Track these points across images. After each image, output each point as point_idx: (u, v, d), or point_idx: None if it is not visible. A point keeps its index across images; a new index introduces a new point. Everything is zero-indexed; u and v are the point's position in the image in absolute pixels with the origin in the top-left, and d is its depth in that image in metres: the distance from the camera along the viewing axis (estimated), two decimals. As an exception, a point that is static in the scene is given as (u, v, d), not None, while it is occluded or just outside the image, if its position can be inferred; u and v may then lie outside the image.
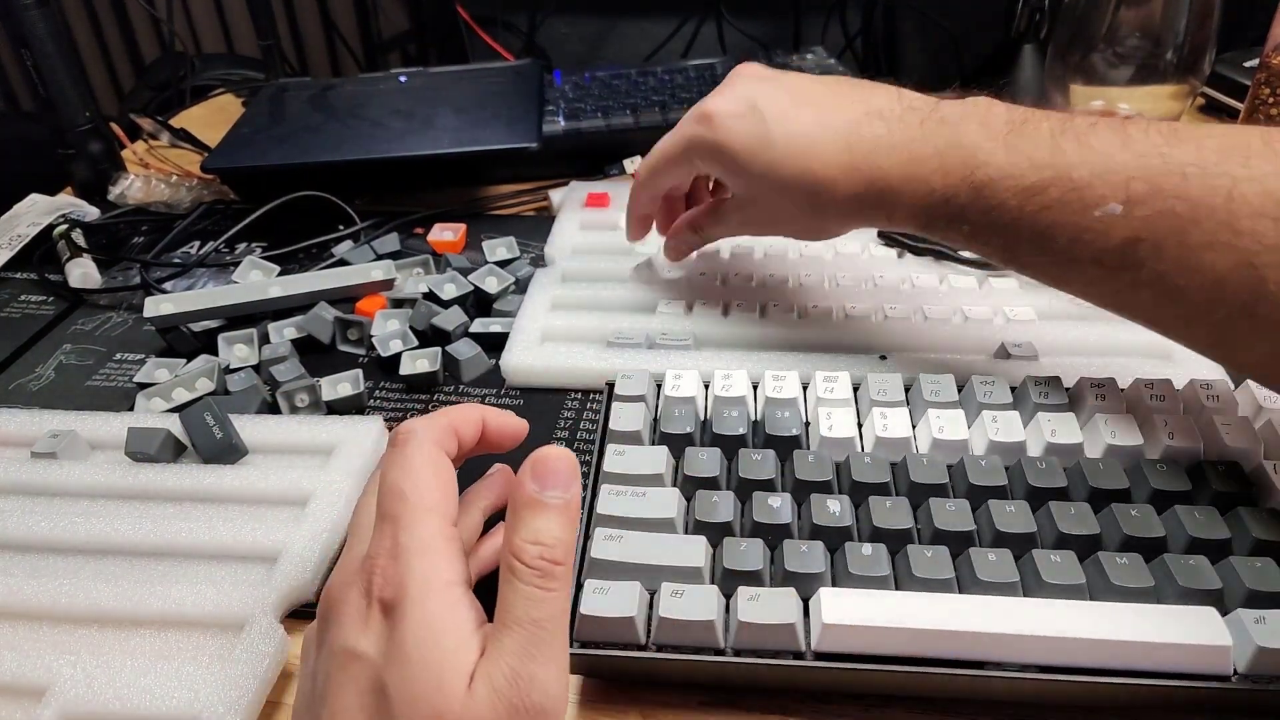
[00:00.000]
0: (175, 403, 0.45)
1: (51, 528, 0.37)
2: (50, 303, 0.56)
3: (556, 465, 0.27)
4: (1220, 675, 0.28)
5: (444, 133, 0.63)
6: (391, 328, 0.50)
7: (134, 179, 0.68)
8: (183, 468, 0.40)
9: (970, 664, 0.29)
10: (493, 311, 0.52)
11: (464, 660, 0.24)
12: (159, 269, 0.58)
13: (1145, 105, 0.67)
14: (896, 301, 0.48)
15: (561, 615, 0.25)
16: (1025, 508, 0.33)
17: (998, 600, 0.30)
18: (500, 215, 0.65)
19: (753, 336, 0.47)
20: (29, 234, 0.61)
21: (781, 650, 0.30)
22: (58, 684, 0.31)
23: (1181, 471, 0.34)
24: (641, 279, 0.51)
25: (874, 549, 0.31)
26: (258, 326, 0.51)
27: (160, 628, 0.33)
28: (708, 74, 0.75)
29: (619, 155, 0.66)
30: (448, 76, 0.74)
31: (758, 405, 0.40)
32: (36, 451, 0.41)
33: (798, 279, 0.50)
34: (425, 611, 0.25)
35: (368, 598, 0.26)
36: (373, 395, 0.47)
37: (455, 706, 0.24)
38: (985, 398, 0.38)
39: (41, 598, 0.34)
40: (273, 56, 0.84)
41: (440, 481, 0.28)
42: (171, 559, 0.36)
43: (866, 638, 0.29)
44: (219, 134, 0.67)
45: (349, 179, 0.63)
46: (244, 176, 0.65)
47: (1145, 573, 0.30)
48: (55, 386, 0.49)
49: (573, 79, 0.76)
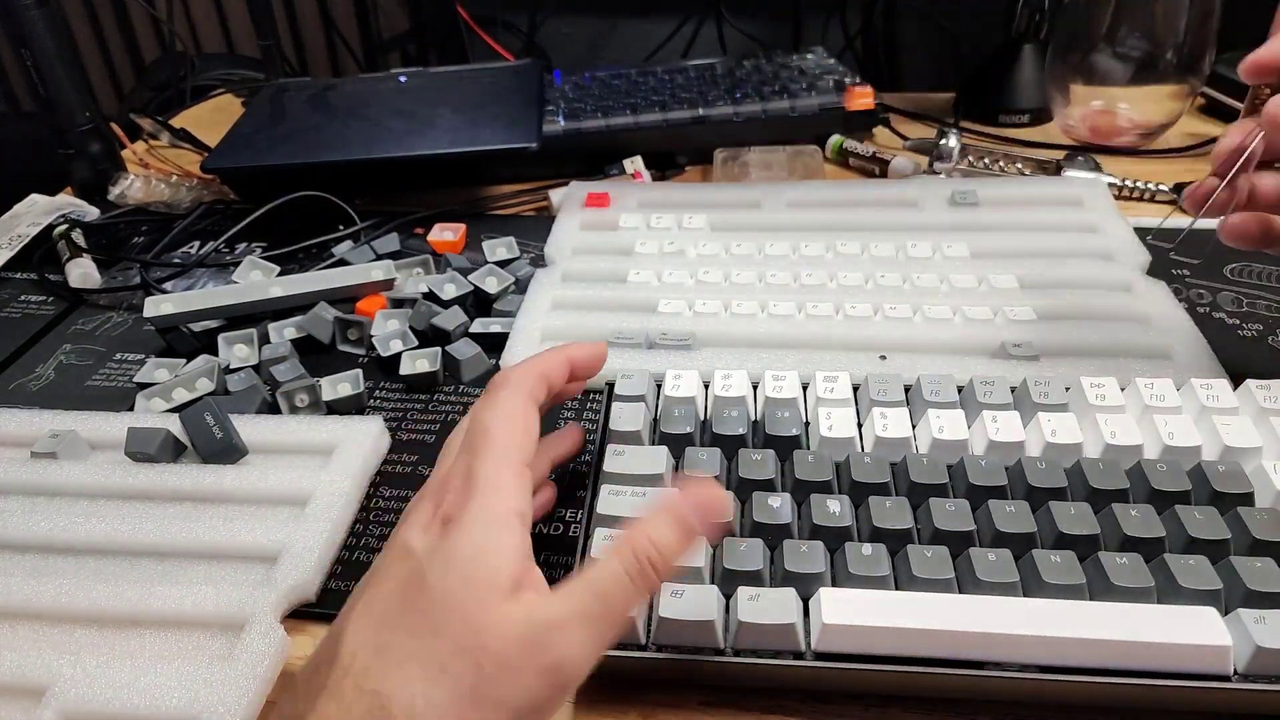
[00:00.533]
0: (175, 403, 0.45)
1: (51, 528, 0.37)
2: (50, 303, 0.56)
3: (716, 509, 0.29)
4: (1220, 675, 0.28)
5: (444, 133, 0.63)
6: (391, 328, 0.50)
7: (134, 179, 0.68)
8: (183, 468, 0.40)
9: (970, 664, 0.29)
10: (493, 311, 0.52)
11: (504, 576, 0.26)
12: (159, 269, 0.58)
13: (1145, 105, 0.67)
14: (897, 301, 0.48)
15: (624, 610, 0.27)
16: (1025, 508, 0.33)
17: (997, 600, 0.30)
18: (500, 215, 0.65)
19: (753, 336, 0.46)
20: (29, 234, 0.61)
21: (781, 650, 0.30)
22: (57, 684, 0.31)
23: (1181, 471, 0.34)
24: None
25: (874, 549, 0.31)
26: (258, 326, 0.51)
27: (160, 628, 0.33)
28: (708, 74, 0.75)
29: (619, 155, 0.66)
30: (448, 76, 0.74)
31: (758, 405, 0.40)
32: (36, 451, 0.41)
33: (798, 279, 0.50)
34: (480, 527, 0.27)
35: (435, 511, 0.28)
36: (373, 395, 0.47)
37: (485, 613, 0.25)
38: (985, 398, 0.38)
39: (41, 598, 0.34)
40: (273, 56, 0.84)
41: (524, 426, 0.30)
42: (171, 559, 0.36)
43: (866, 638, 0.29)
44: (219, 134, 0.67)
45: (349, 179, 0.63)
46: (244, 176, 0.65)
47: (1145, 573, 0.30)
48: (55, 386, 0.49)
49: (573, 79, 0.76)
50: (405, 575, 0.26)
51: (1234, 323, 0.48)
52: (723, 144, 0.67)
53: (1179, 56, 0.64)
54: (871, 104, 0.69)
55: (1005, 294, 0.49)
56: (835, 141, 0.69)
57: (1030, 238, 0.53)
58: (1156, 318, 0.46)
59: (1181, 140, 0.69)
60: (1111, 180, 0.61)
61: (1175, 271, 0.52)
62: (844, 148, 0.69)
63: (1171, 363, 0.44)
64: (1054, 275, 0.50)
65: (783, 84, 0.71)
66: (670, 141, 0.68)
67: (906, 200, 0.57)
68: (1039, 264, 0.51)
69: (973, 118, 0.75)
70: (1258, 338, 0.47)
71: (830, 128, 0.70)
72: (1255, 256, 0.53)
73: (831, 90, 0.70)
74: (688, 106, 0.69)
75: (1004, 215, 0.55)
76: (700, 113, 0.68)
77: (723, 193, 0.59)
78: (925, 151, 0.66)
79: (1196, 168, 0.65)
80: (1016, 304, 0.47)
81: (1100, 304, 0.48)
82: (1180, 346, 0.44)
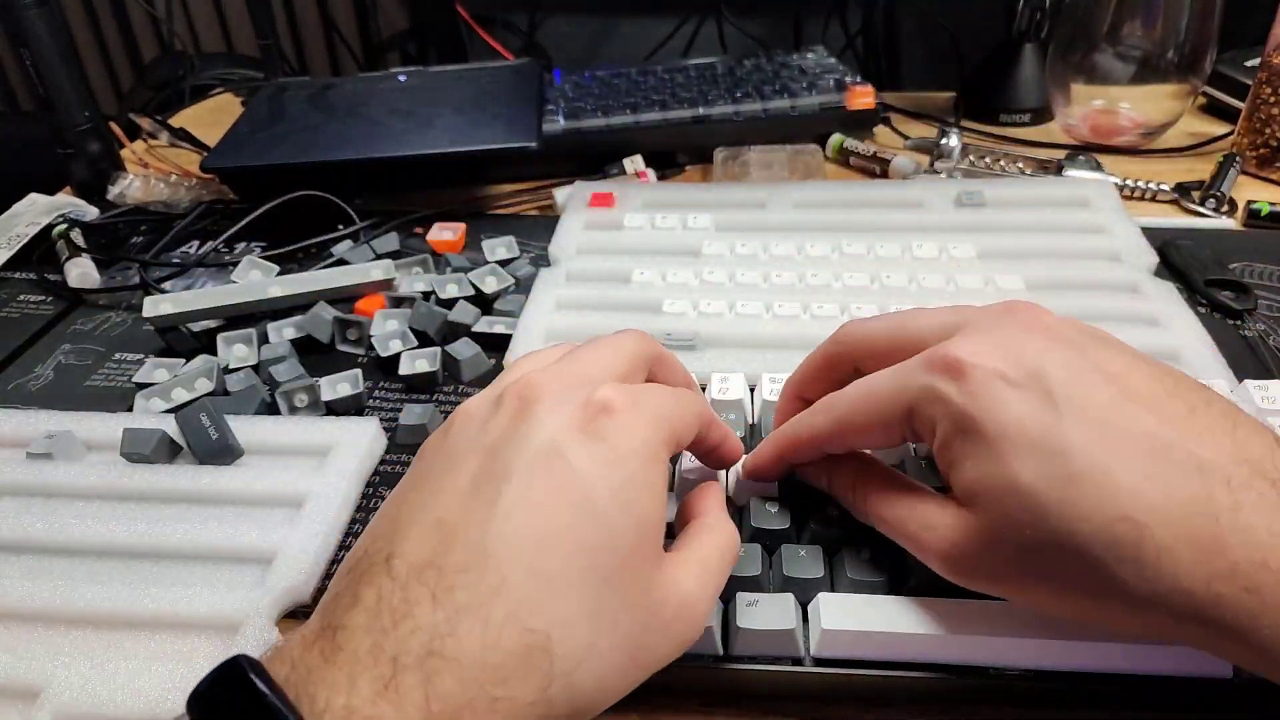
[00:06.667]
0: (174, 403, 0.45)
1: (47, 529, 0.37)
2: (49, 302, 0.56)
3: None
4: (1220, 677, 0.28)
5: (443, 132, 0.63)
6: (391, 327, 0.50)
7: (133, 179, 0.68)
8: (178, 469, 0.40)
9: (970, 668, 0.29)
10: (493, 311, 0.52)
11: (661, 528, 0.24)
12: (158, 269, 0.58)
13: (1146, 104, 0.67)
14: (903, 302, 0.48)
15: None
16: (1025, 510, 0.32)
17: (997, 603, 0.29)
18: (500, 215, 0.64)
19: (757, 336, 0.46)
20: (28, 234, 0.61)
21: (781, 656, 0.30)
22: (52, 686, 0.31)
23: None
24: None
25: (872, 553, 0.31)
26: (257, 326, 0.50)
27: (155, 630, 0.33)
28: (708, 73, 0.75)
29: (619, 155, 0.66)
30: (447, 76, 0.74)
31: (754, 408, 0.39)
32: (32, 452, 0.41)
33: (803, 279, 0.50)
34: (650, 459, 0.24)
35: (588, 408, 0.24)
36: (372, 395, 0.47)
37: (656, 570, 0.24)
38: (985, 399, 0.38)
39: (36, 599, 0.34)
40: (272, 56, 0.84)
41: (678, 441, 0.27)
42: (166, 560, 0.36)
43: (866, 642, 0.29)
44: (218, 134, 0.67)
45: (348, 179, 0.63)
46: (243, 176, 0.64)
47: (1146, 576, 0.30)
48: (54, 386, 0.49)
49: (573, 78, 0.76)
50: (563, 491, 0.23)
51: (1235, 322, 0.48)
52: (723, 143, 0.67)
53: (1180, 56, 0.64)
54: (872, 103, 0.69)
55: (1012, 295, 0.48)
56: (836, 141, 0.69)
57: (1037, 238, 0.52)
58: (1164, 319, 0.46)
59: (1182, 140, 0.69)
60: (1113, 180, 0.60)
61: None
62: (845, 147, 0.69)
63: (1180, 364, 0.43)
64: (1061, 276, 0.50)
65: (783, 83, 0.71)
66: (670, 141, 0.68)
67: (912, 201, 0.57)
68: (1046, 265, 0.50)
69: (973, 117, 0.75)
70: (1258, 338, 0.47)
71: (831, 127, 0.70)
72: (1255, 256, 0.53)
73: (832, 89, 0.69)
74: (688, 106, 0.68)
75: (1010, 216, 0.55)
76: (700, 112, 0.68)
77: (727, 193, 0.59)
78: (926, 151, 0.66)
79: (1197, 167, 0.64)
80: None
81: (1108, 305, 0.47)
82: (1189, 348, 0.44)
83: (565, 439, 0.23)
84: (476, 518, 0.22)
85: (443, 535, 0.22)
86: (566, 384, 0.25)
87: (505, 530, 0.22)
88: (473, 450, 0.25)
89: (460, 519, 0.23)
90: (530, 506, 0.23)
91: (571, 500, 0.23)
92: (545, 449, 0.23)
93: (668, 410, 0.26)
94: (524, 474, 0.23)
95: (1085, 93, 0.68)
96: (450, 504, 0.23)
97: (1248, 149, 0.63)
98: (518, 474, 0.23)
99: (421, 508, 0.24)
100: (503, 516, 0.22)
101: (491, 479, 0.23)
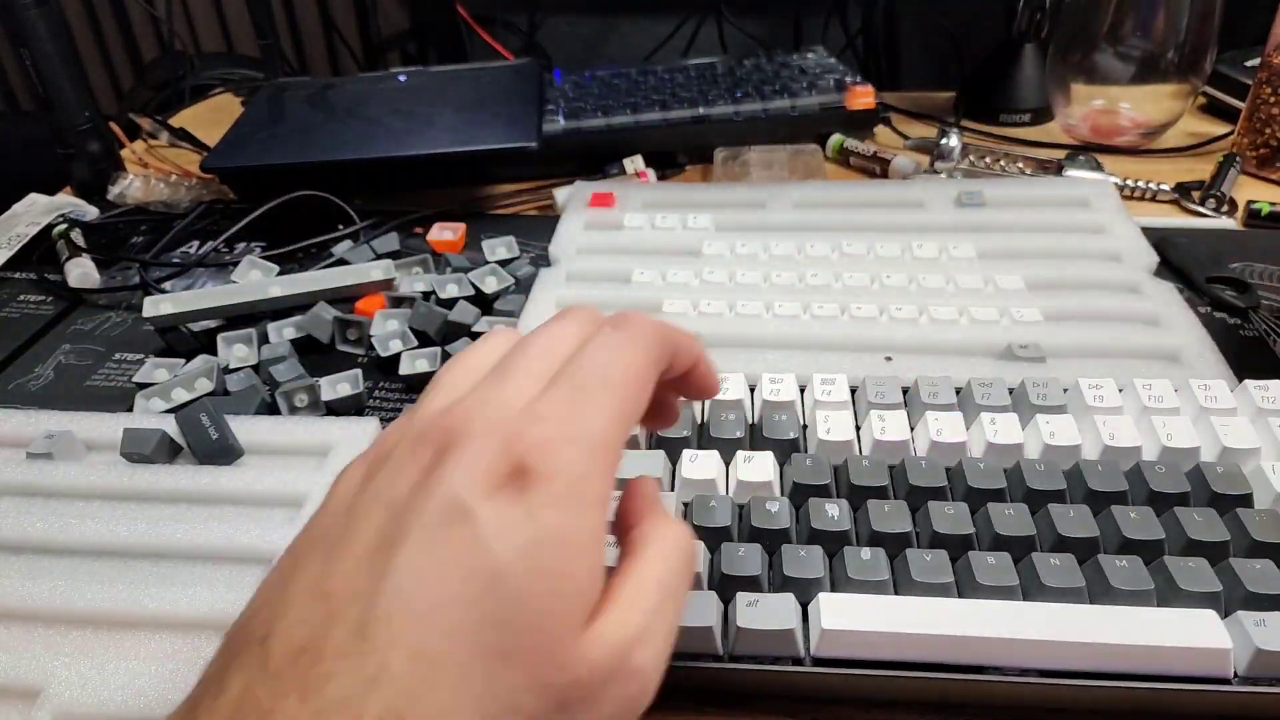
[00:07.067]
0: (174, 403, 0.45)
1: (47, 529, 0.37)
2: (49, 302, 0.56)
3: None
4: (1220, 678, 0.28)
5: (443, 132, 0.63)
6: (391, 327, 0.50)
7: (133, 179, 0.68)
8: (178, 469, 0.40)
9: (970, 668, 0.29)
10: (493, 311, 0.52)
11: (594, 587, 0.21)
12: (158, 269, 0.58)
13: (1146, 104, 0.67)
14: (902, 302, 0.48)
15: (684, 599, 0.24)
16: (1024, 510, 0.32)
17: (997, 604, 0.29)
18: (500, 215, 0.64)
19: (757, 336, 0.46)
20: (28, 234, 0.61)
21: (781, 656, 0.30)
22: (52, 686, 0.31)
23: (1180, 473, 0.34)
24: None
25: (873, 553, 0.31)
26: (257, 326, 0.50)
27: (155, 630, 0.33)
28: (708, 73, 0.75)
29: (620, 155, 0.66)
30: (447, 76, 0.74)
31: (755, 408, 0.39)
32: (32, 452, 0.41)
33: (803, 279, 0.50)
34: (576, 512, 0.20)
35: (504, 457, 0.20)
36: (372, 395, 0.47)
37: (575, 637, 0.20)
38: (983, 399, 0.38)
39: (36, 599, 0.34)
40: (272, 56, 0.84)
41: (642, 394, 0.23)
42: (167, 560, 0.36)
43: (866, 643, 0.29)
44: (218, 134, 0.67)
45: (348, 178, 0.63)
46: (243, 176, 0.65)
47: (1145, 575, 0.30)
48: (54, 386, 0.49)
49: (573, 78, 0.76)
50: (461, 557, 0.19)
51: (1235, 321, 0.48)
52: (723, 143, 0.67)
53: (1180, 56, 0.64)
54: (872, 103, 0.69)
55: (1012, 295, 0.48)
56: (836, 141, 0.69)
57: (1037, 238, 0.52)
58: (1165, 319, 0.46)
59: (1182, 139, 0.69)
60: (1113, 180, 0.60)
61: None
62: (845, 147, 0.69)
63: (1180, 364, 0.43)
64: (1061, 276, 0.50)
65: (783, 83, 0.71)
66: (670, 141, 0.68)
67: (912, 201, 0.57)
68: (1046, 265, 0.50)
69: (973, 117, 0.75)
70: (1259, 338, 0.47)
71: (831, 127, 0.70)
72: (1255, 256, 0.53)
73: (832, 89, 0.69)
74: (688, 106, 0.68)
75: (1011, 216, 0.55)
76: (700, 112, 0.68)
77: (728, 193, 0.59)
78: (926, 151, 0.66)
79: (1197, 167, 0.64)
80: (1023, 305, 0.47)
81: (1108, 305, 0.47)
82: (1189, 348, 0.44)
83: (473, 496, 0.20)
84: (363, 590, 0.19)
85: (328, 611, 0.19)
86: (492, 420, 0.22)
87: (391, 607, 0.19)
88: (377, 504, 0.21)
89: (347, 591, 0.19)
90: (420, 578, 0.19)
91: (470, 567, 0.19)
92: (448, 509, 0.20)
93: (617, 377, 0.23)
94: (422, 538, 0.20)
95: (1085, 93, 0.68)
96: (341, 571, 0.20)
97: (1248, 149, 0.63)
98: (414, 538, 0.20)
99: (311, 573, 0.20)
100: (391, 591, 0.19)
101: (386, 545, 0.20)
